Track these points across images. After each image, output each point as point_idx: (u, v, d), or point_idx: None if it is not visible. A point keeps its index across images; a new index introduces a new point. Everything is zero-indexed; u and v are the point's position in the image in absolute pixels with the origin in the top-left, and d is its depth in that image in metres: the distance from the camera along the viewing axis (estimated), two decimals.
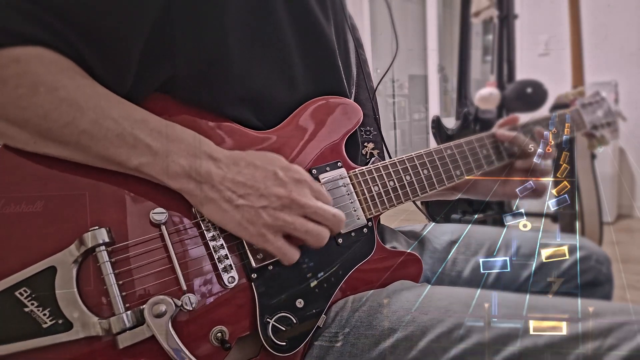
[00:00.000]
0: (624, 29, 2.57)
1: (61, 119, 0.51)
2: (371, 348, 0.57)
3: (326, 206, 0.59)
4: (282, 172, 0.57)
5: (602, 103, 1.09)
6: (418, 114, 4.52)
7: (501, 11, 1.96)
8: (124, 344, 0.49)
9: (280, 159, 0.59)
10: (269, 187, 0.55)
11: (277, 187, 0.56)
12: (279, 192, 0.56)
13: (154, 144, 0.53)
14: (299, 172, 0.58)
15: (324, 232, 0.59)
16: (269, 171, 0.56)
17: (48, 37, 0.51)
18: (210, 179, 0.54)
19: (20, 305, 0.48)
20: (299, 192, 0.57)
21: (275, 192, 0.55)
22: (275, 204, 0.55)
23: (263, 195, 0.55)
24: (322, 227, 0.58)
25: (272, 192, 0.55)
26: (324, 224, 0.59)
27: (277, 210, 0.55)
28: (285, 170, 0.57)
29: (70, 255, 0.50)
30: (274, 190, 0.55)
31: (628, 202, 2.75)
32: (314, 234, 0.58)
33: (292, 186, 0.56)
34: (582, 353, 0.48)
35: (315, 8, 0.67)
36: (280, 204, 0.55)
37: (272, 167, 0.57)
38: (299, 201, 0.56)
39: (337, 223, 0.60)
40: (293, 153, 0.64)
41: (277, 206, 0.55)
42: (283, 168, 0.57)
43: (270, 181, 0.56)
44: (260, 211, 0.55)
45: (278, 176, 0.56)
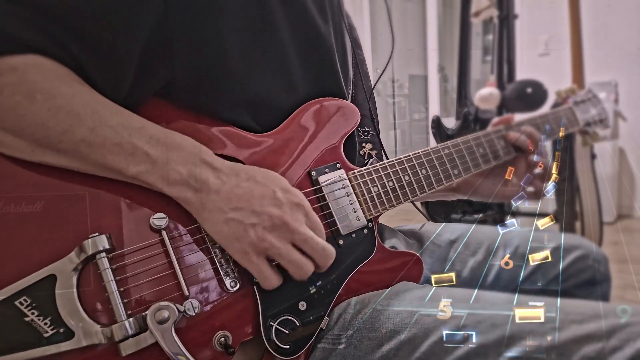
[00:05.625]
0: (624, 29, 2.57)
1: (58, 126, 0.50)
2: (374, 350, 0.57)
3: (317, 238, 0.57)
4: (281, 192, 0.56)
5: (594, 101, 1.10)
6: (418, 114, 4.52)
7: (501, 11, 1.96)
8: (127, 351, 0.49)
9: (283, 180, 0.58)
10: (264, 205, 0.54)
11: (272, 207, 0.54)
12: (272, 211, 0.54)
13: (152, 152, 0.53)
14: (298, 196, 0.57)
15: (308, 266, 0.57)
16: (268, 189, 0.55)
17: (45, 44, 0.51)
18: (206, 188, 0.54)
19: (20, 314, 0.47)
20: (293, 216, 0.55)
21: (268, 211, 0.54)
22: (266, 223, 0.54)
23: (255, 212, 0.54)
24: (307, 261, 0.57)
25: (265, 210, 0.54)
26: (311, 256, 0.57)
27: (266, 230, 0.54)
28: (285, 191, 0.56)
29: (70, 263, 0.49)
30: (268, 209, 0.54)
31: (628, 202, 2.75)
32: (297, 265, 0.56)
33: (287, 209, 0.55)
34: (586, 354, 0.48)
35: (313, 10, 0.67)
36: (270, 223, 0.54)
37: (272, 186, 0.56)
38: (290, 225, 0.55)
39: (325, 257, 0.58)
40: (292, 155, 0.64)
41: (267, 226, 0.54)
42: (283, 189, 0.56)
43: (267, 200, 0.55)
44: (248, 228, 0.54)
45: (276, 196, 0.55)
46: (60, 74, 0.52)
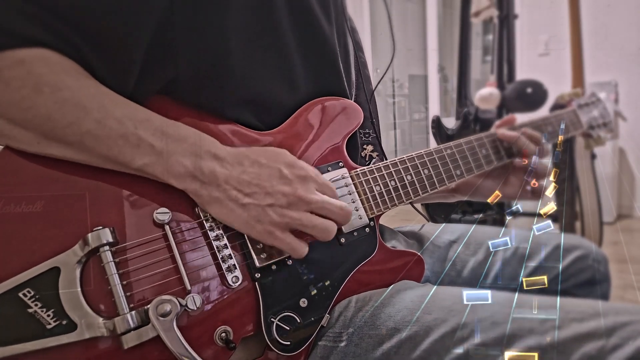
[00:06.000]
0: (624, 29, 2.58)
1: (65, 119, 0.50)
2: (375, 348, 0.57)
3: (332, 200, 0.59)
4: (286, 169, 0.57)
5: (598, 104, 1.10)
6: (418, 114, 4.52)
7: (501, 11, 1.97)
8: (129, 344, 0.49)
9: (285, 154, 0.59)
10: (274, 186, 0.56)
11: (282, 185, 0.56)
12: (284, 189, 0.56)
13: (157, 144, 0.53)
14: (303, 168, 0.58)
15: (332, 226, 0.59)
16: (273, 169, 0.57)
17: (51, 39, 0.51)
18: (215, 179, 0.54)
19: (24, 306, 0.47)
20: (304, 188, 0.57)
21: (280, 189, 0.56)
22: (282, 202, 0.56)
23: (269, 194, 0.55)
24: (329, 221, 0.59)
25: (277, 190, 0.56)
26: (331, 218, 0.59)
27: (283, 207, 0.56)
28: (290, 167, 0.57)
29: (74, 256, 0.50)
30: (280, 188, 0.56)
31: (628, 202, 2.76)
32: (321, 229, 0.58)
33: (298, 184, 0.57)
34: (586, 352, 0.48)
35: (317, 10, 0.67)
36: (286, 201, 0.56)
37: (276, 164, 0.57)
38: (305, 198, 0.56)
39: (345, 216, 0.60)
40: (294, 155, 0.64)
41: (283, 203, 0.56)
42: (288, 165, 0.57)
43: (276, 179, 0.56)
44: (267, 209, 0.55)
45: (283, 174, 0.57)
46: (66, 67, 0.52)
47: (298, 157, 0.63)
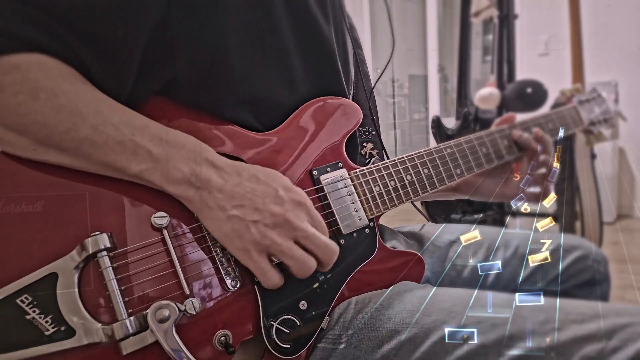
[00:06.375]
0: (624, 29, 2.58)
1: (61, 125, 0.50)
2: (374, 350, 0.57)
3: (320, 234, 0.56)
4: (283, 191, 0.56)
5: (599, 100, 1.10)
6: (418, 114, 4.52)
7: (501, 11, 1.97)
8: (128, 350, 0.49)
9: (285, 179, 0.58)
10: (266, 204, 0.54)
11: (274, 205, 0.54)
12: (274, 209, 0.54)
13: (154, 150, 0.53)
14: (300, 194, 0.57)
15: (311, 263, 0.56)
16: (270, 188, 0.55)
17: (48, 42, 0.51)
18: (209, 186, 0.54)
19: (21, 312, 0.47)
20: (295, 213, 0.55)
21: (270, 209, 0.54)
22: (268, 221, 0.54)
23: (258, 210, 0.54)
24: (310, 257, 0.56)
25: (268, 208, 0.54)
26: (315, 253, 0.57)
27: (267, 227, 0.54)
28: (287, 190, 0.56)
29: (72, 261, 0.49)
30: (270, 207, 0.54)
31: (628, 202, 2.75)
32: (300, 261, 0.55)
33: (289, 206, 0.55)
34: (586, 354, 0.48)
35: (315, 9, 0.67)
36: (272, 221, 0.54)
37: (274, 184, 0.56)
38: (292, 222, 0.54)
39: (329, 254, 0.57)
40: (293, 154, 0.64)
41: (269, 223, 0.54)
42: (285, 188, 0.56)
43: (269, 198, 0.55)
44: (250, 225, 0.53)
45: (278, 194, 0.55)
46: (63, 73, 0.52)
47: (297, 157, 0.63)
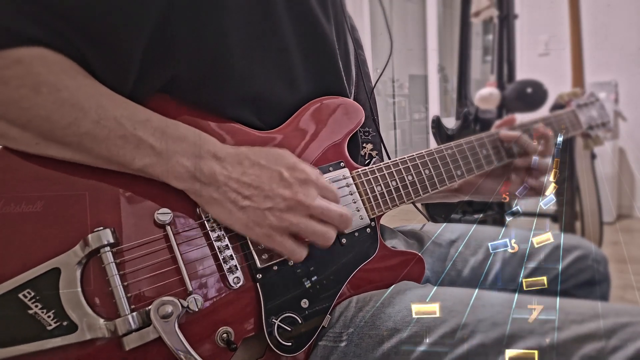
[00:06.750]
0: (624, 29, 2.58)
1: (63, 119, 0.50)
2: (375, 348, 0.57)
3: (332, 206, 0.58)
4: (287, 172, 0.56)
5: (597, 104, 1.10)
6: (418, 114, 4.52)
7: (501, 11, 1.97)
8: (130, 345, 0.49)
9: (286, 156, 0.58)
10: (274, 189, 0.55)
11: (282, 189, 0.55)
12: (284, 193, 0.55)
13: (157, 145, 0.53)
14: (304, 171, 0.58)
15: (330, 233, 0.58)
16: (274, 171, 0.56)
17: (50, 38, 0.51)
18: (214, 180, 0.54)
19: (24, 307, 0.47)
20: (304, 193, 0.56)
21: (280, 193, 0.55)
22: (281, 205, 0.55)
23: (268, 197, 0.55)
24: (329, 227, 0.58)
25: (277, 193, 0.55)
26: (331, 224, 0.59)
27: (282, 211, 0.55)
28: (291, 169, 0.57)
29: (75, 257, 0.49)
30: (279, 192, 0.55)
31: (628, 202, 2.76)
32: (320, 235, 0.57)
33: (298, 187, 0.56)
34: (586, 354, 0.48)
35: (316, 8, 0.67)
36: (285, 205, 0.55)
37: (277, 166, 0.56)
38: (305, 202, 0.56)
39: (344, 222, 0.60)
40: (295, 154, 0.64)
41: (282, 207, 0.55)
42: (288, 167, 0.57)
43: (276, 182, 0.56)
44: (266, 212, 0.55)
45: (283, 176, 0.56)
46: (65, 67, 0.52)
47: (299, 157, 0.63)
